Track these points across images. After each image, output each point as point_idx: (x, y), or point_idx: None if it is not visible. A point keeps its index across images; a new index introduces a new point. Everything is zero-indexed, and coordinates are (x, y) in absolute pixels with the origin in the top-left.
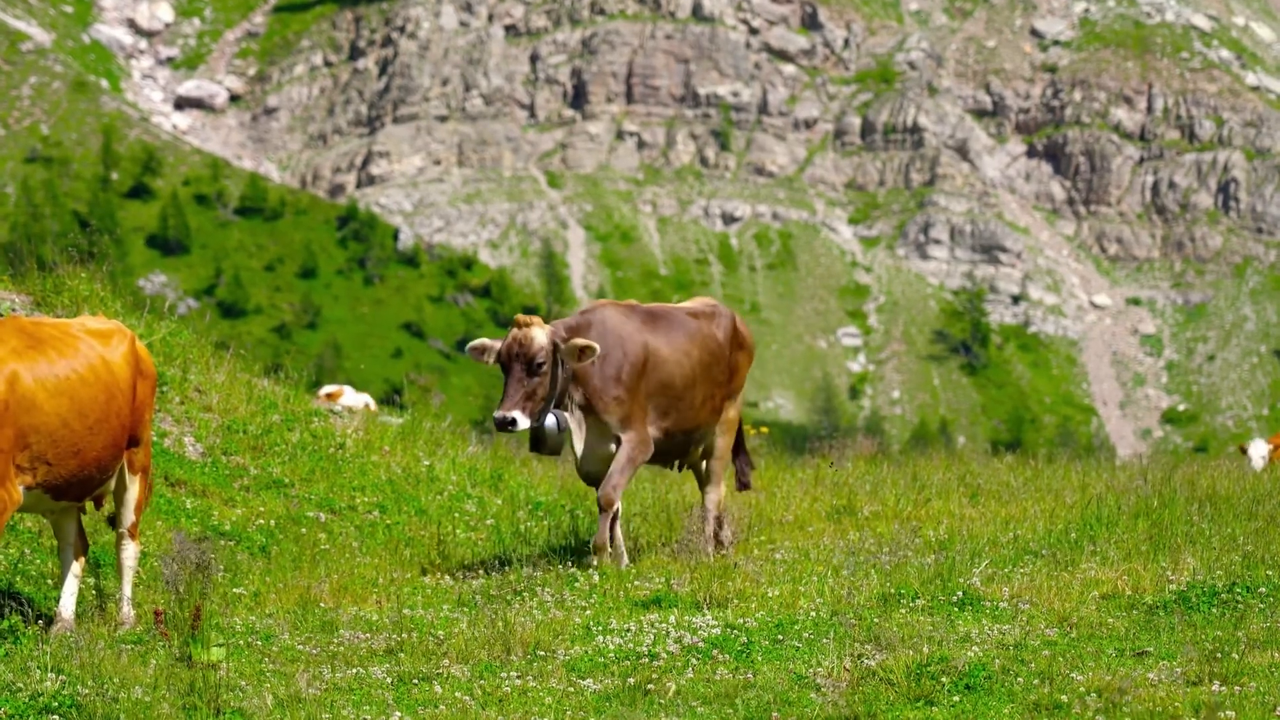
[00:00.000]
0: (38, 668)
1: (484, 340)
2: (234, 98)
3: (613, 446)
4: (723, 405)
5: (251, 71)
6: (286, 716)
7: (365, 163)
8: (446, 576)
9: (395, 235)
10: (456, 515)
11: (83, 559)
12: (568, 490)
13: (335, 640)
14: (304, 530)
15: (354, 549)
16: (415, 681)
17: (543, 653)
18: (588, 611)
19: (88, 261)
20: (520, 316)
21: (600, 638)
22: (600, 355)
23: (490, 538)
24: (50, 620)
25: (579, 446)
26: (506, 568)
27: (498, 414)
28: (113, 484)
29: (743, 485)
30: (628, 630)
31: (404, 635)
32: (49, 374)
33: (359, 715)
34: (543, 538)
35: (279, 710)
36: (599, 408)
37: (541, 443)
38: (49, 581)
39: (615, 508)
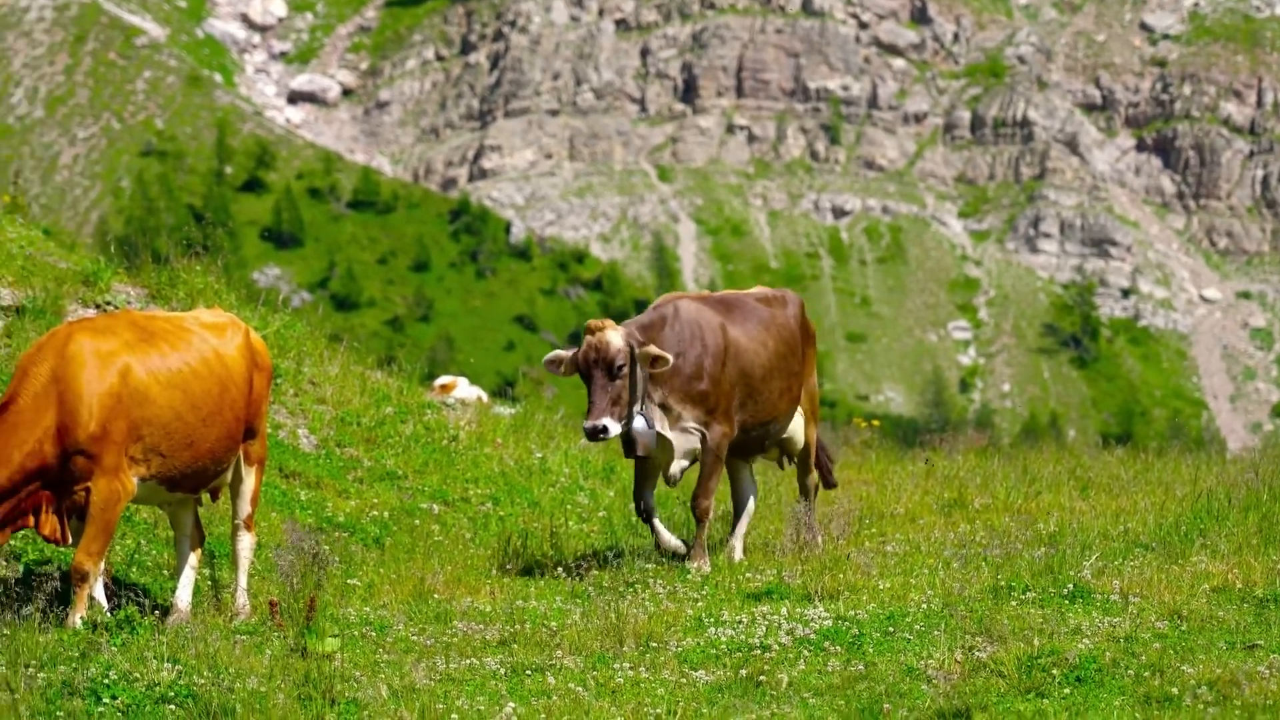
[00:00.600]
0: (154, 658)
1: (558, 352)
2: (346, 92)
3: (694, 443)
4: (799, 395)
5: (364, 66)
6: (401, 707)
7: (477, 156)
8: (559, 568)
9: (507, 229)
10: (569, 507)
11: (199, 550)
12: (681, 482)
13: (449, 631)
14: (417, 522)
15: (467, 540)
16: (529, 672)
17: (655, 644)
18: (700, 603)
19: (202, 255)
20: (593, 322)
21: (712, 629)
22: (678, 351)
23: (603, 530)
24: (166, 611)
25: (663, 449)
26: (619, 560)
27: (588, 424)
28: (228, 476)
29: (828, 484)
30: (740, 622)
31: (517, 626)
32: (162, 367)
33: (473, 706)
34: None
35: (393, 701)
36: (680, 405)
37: (634, 445)
38: (165, 572)
39: (711, 515)
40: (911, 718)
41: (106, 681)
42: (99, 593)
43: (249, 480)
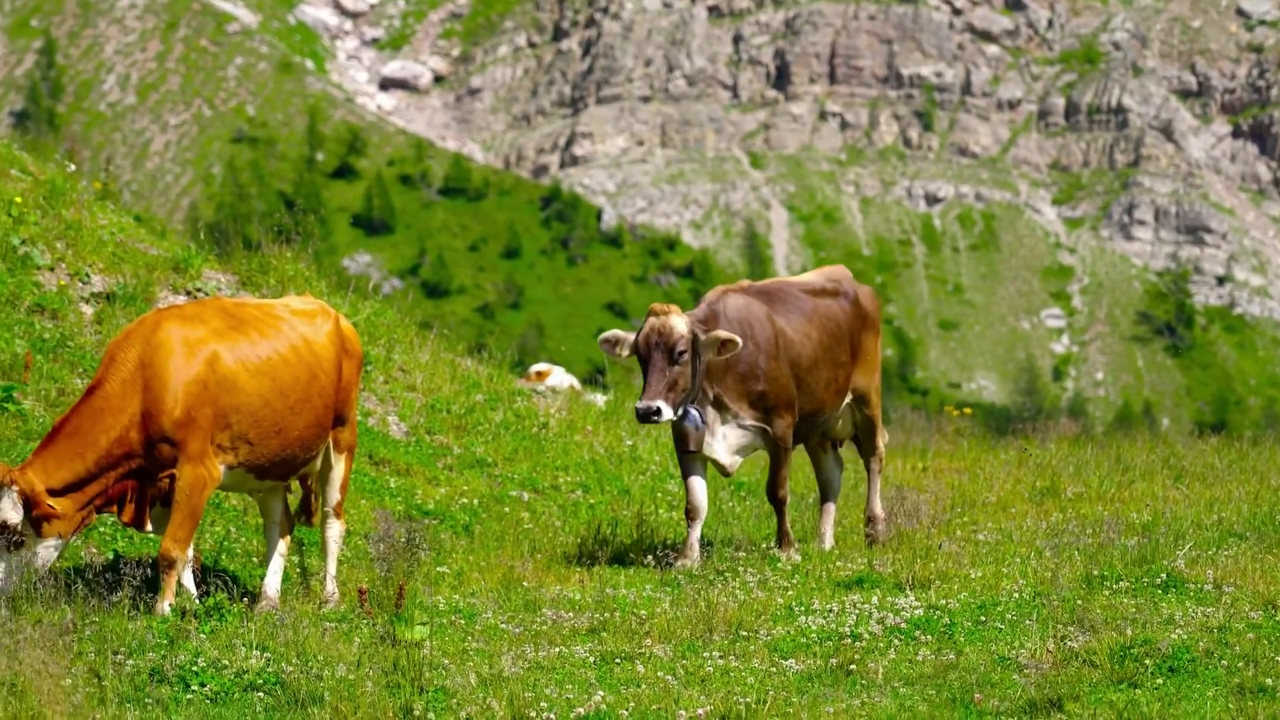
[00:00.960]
0: (243, 645)
1: (616, 331)
2: (438, 78)
3: (750, 439)
4: (846, 386)
5: (455, 52)
6: (489, 695)
7: (569, 143)
8: (649, 557)
9: (598, 216)
10: (659, 495)
11: (288, 537)
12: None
13: (538, 619)
14: (507, 509)
15: (556, 528)
16: (618, 660)
17: (745, 633)
18: (790, 592)
19: (293, 241)
20: (657, 305)
21: (803, 618)
22: (724, 358)
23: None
24: (255, 598)
25: (716, 445)
26: (709, 548)
27: (640, 404)
28: (318, 464)
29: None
30: (830, 611)
31: (607, 614)
32: (250, 354)
33: (561, 694)
34: (745, 518)
35: (482, 689)
36: (736, 402)
37: (686, 439)
38: (254, 559)
39: (788, 501)
40: (1003, 708)
41: (195, 669)
42: (188, 580)
43: (338, 468)
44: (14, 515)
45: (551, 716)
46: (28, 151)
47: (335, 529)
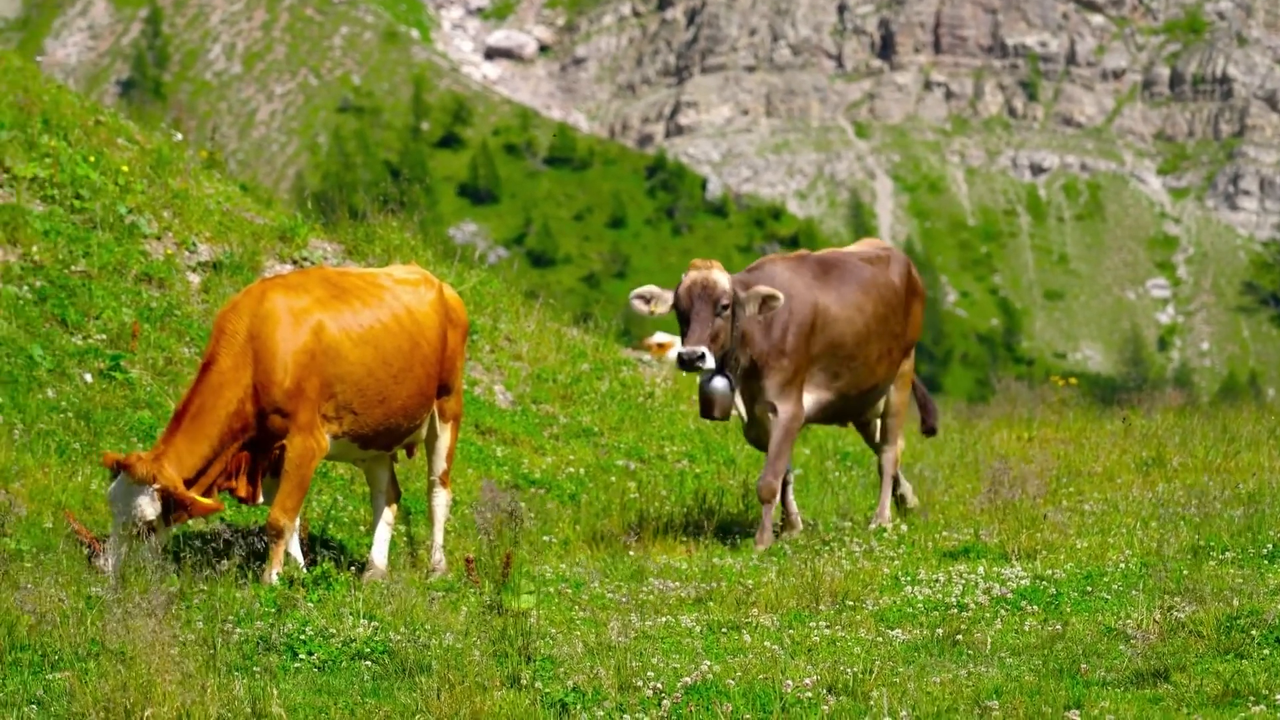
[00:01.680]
0: (350, 614)
1: (651, 287)
2: (543, 48)
3: (771, 415)
4: (900, 359)
5: (560, 22)
6: (596, 664)
7: (674, 113)
8: (755, 526)
9: (703, 185)
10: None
11: (395, 506)
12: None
13: (645, 588)
14: (613, 479)
15: (663, 498)
16: (724, 630)
17: (851, 603)
18: (896, 562)
19: (399, 211)
20: (698, 260)
21: (909, 588)
22: (765, 317)
23: (798, 487)
24: (363, 567)
25: (744, 411)
26: (815, 517)
27: (684, 349)
28: (423, 432)
29: (929, 430)
30: (936, 581)
31: (713, 584)
32: (354, 323)
33: (668, 664)
34: (852, 488)
35: (589, 658)
36: (763, 372)
37: (711, 405)
38: (361, 528)
39: (778, 497)
40: (1109, 678)
41: (303, 637)
42: (295, 549)
43: (444, 437)
44: (153, 512)
45: (658, 686)
46: (134, 121)
47: (442, 498)
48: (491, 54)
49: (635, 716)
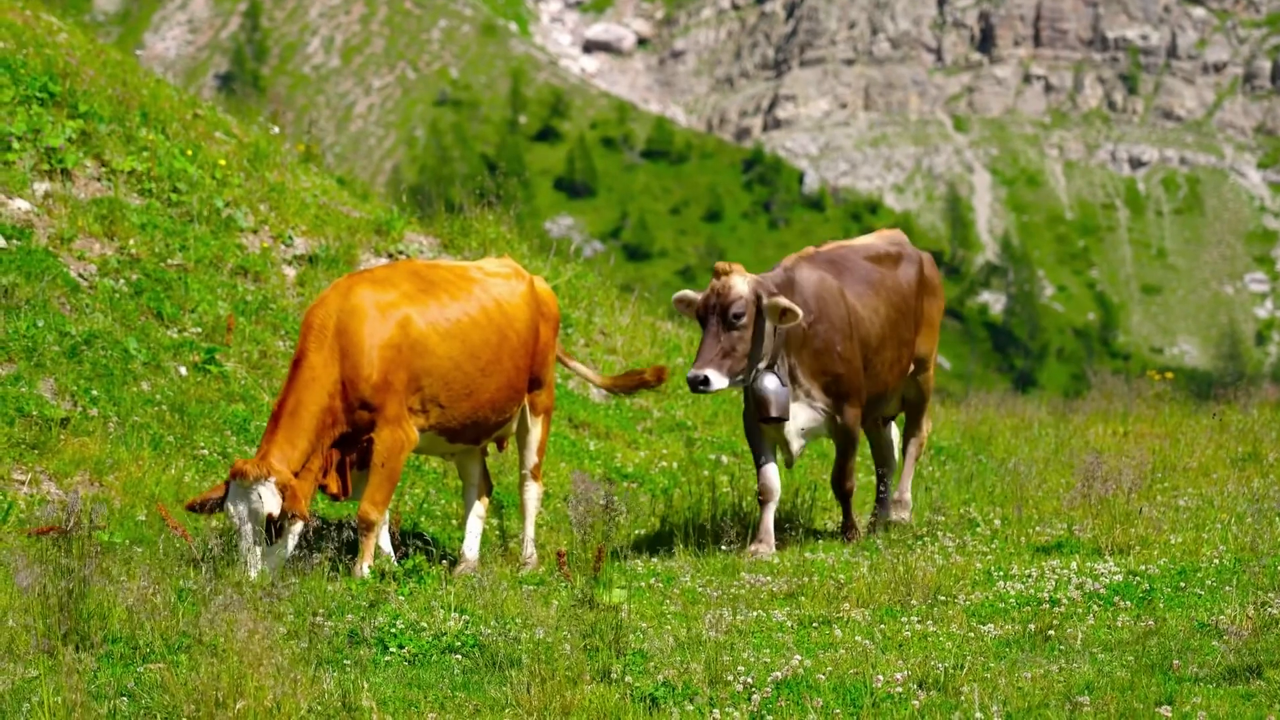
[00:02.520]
0: (441, 607)
1: (688, 291)
2: (641, 41)
3: (817, 421)
4: (910, 365)
5: (658, 15)
6: (687, 658)
7: (771, 106)
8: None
9: (801, 179)
10: (859, 459)
11: (486, 500)
12: (971, 435)
13: (736, 583)
14: (706, 473)
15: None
16: (815, 625)
17: (943, 598)
18: (989, 557)
19: (495, 204)
20: (720, 265)
21: (1001, 583)
22: (808, 321)
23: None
24: (455, 560)
25: (792, 421)
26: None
27: (690, 373)
28: (513, 426)
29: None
30: (1029, 576)
31: (805, 579)
32: (440, 317)
33: (759, 658)
34: (945, 482)
35: (680, 652)
36: (809, 380)
37: (767, 405)
38: (453, 522)
39: (854, 494)
40: (1202, 674)
41: (394, 630)
42: (385, 542)
43: (535, 430)
44: (275, 505)
45: (749, 680)
46: (232, 114)
47: (533, 491)
48: (589, 47)
49: (725, 711)
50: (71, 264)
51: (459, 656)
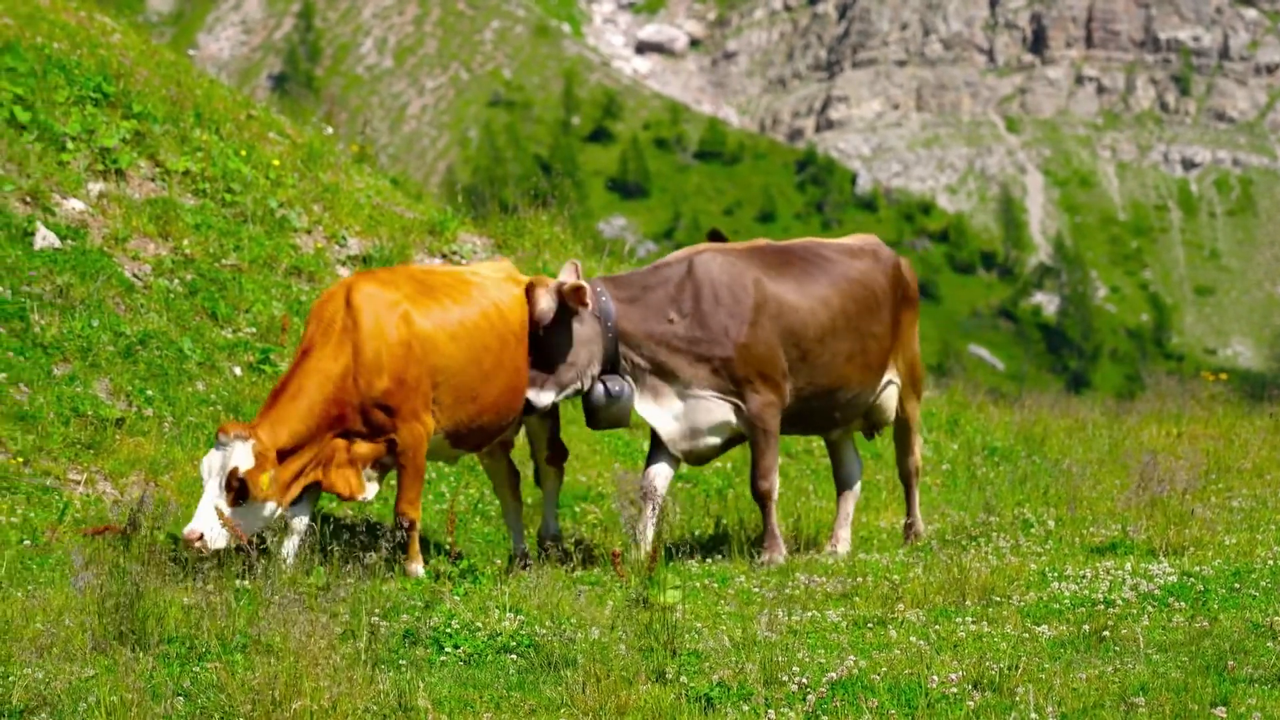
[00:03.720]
0: (496, 607)
1: None
2: (694, 42)
3: (719, 416)
4: (883, 362)
5: (711, 16)
6: (742, 659)
7: (824, 107)
8: (901, 521)
9: (853, 179)
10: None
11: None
12: (1025, 436)
13: (790, 583)
14: None
15: (809, 492)
16: (870, 625)
17: (997, 598)
18: (1043, 558)
19: (548, 204)
20: (531, 279)
21: (1055, 584)
22: (675, 312)
23: (945, 483)
24: (510, 560)
25: (661, 416)
26: (962, 513)
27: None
28: (515, 431)
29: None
30: (1083, 577)
31: (859, 579)
32: (444, 319)
33: (814, 658)
34: (999, 483)
35: (735, 652)
36: (690, 369)
37: (594, 415)
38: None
39: (774, 497)
40: (1257, 675)
41: (449, 630)
42: (289, 545)
43: (543, 427)
44: (247, 464)
45: (803, 680)
46: (286, 115)
47: (551, 478)
48: (642, 48)
49: (781, 711)
50: (126, 264)
51: (514, 656)
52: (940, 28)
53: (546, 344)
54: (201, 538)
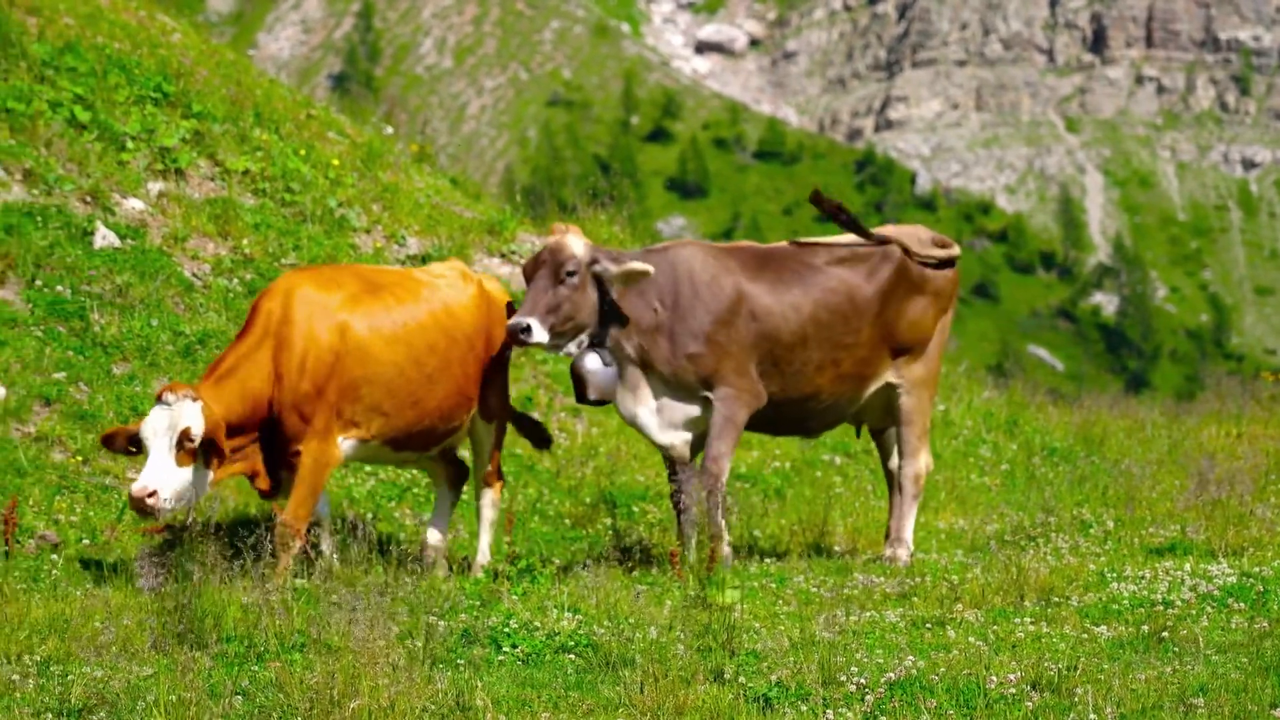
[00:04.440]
0: (555, 607)
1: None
2: (753, 42)
3: (692, 410)
4: (864, 372)
5: (770, 16)
6: (800, 659)
7: (883, 107)
8: (960, 521)
9: (912, 179)
10: (971, 460)
11: (460, 488)
12: (1084, 436)
13: (849, 583)
14: (819, 474)
15: (868, 492)
16: (928, 626)
17: (1056, 599)
18: (1102, 558)
19: (608, 204)
20: (556, 224)
21: (1114, 584)
22: (657, 302)
23: (1004, 483)
24: (567, 564)
25: (641, 412)
26: (1020, 513)
27: (511, 321)
28: (464, 434)
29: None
30: (1142, 577)
31: (918, 580)
32: (386, 321)
33: (872, 659)
34: (1058, 483)
35: (793, 652)
36: (670, 366)
37: (584, 385)
38: (566, 521)
39: (722, 485)
40: None
41: (507, 630)
42: (326, 545)
43: (488, 438)
44: (197, 425)
45: (862, 681)
46: (345, 114)
47: (489, 497)
48: (701, 48)
49: (839, 711)
50: (185, 263)
51: (572, 656)
52: (1000, 27)
53: (559, 287)
54: (155, 494)
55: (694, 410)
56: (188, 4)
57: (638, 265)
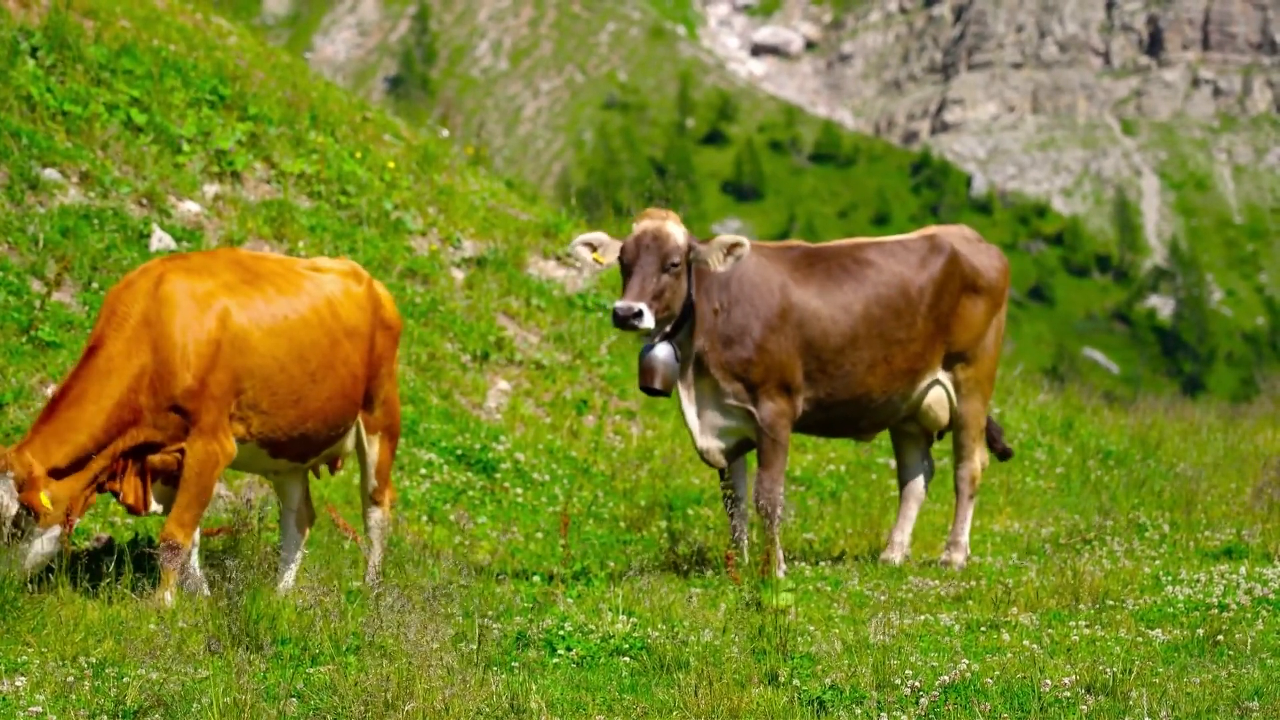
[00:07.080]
0: (609, 610)
1: (599, 234)
2: (809, 44)
3: (731, 420)
4: (917, 367)
5: (826, 18)
6: (855, 662)
7: (939, 109)
8: (1015, 524)
9: (968, 182)
10: (1026, 463)
11: (307, 531)
12: (1140, 439)
13: (904, 586)
14: (874, 476)
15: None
16: (982, 629)
17: (1111, 602)
18: (1157, 561)
19: (663, 207)
20: (652, 209)
21: (1169, 588)
22: (718, 304)
23: (1060, 486)
24: (618, 568)
25: (689, 412)
26: (1076, 516)
27: (620, 303)
28: (348, 444)
29: (1003, 453)
30: (1197, 581)
31: (972, 583)
32: (265, 312)
33: (926, 662)
34: (1114, 487)
35: (847, 655)
36: (717, 369)
37: (652, 374)
38: (621, 524)
39: (779, 515)
40: None
41: (562, 633)
42: (195, 564)
43: (373, 451)
44: (10, 505)
45: (916, 684)
46: (401, 117)
47: (376, 516)
48: (757, 50)
49: (893, 714)
50: None
51: (627, 659)
52: (1056, 30)
53: (665, 274)
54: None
55: (733, 421)
56: (244, 6)
57: (737, 239)
